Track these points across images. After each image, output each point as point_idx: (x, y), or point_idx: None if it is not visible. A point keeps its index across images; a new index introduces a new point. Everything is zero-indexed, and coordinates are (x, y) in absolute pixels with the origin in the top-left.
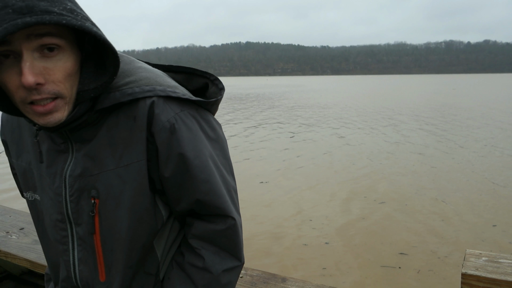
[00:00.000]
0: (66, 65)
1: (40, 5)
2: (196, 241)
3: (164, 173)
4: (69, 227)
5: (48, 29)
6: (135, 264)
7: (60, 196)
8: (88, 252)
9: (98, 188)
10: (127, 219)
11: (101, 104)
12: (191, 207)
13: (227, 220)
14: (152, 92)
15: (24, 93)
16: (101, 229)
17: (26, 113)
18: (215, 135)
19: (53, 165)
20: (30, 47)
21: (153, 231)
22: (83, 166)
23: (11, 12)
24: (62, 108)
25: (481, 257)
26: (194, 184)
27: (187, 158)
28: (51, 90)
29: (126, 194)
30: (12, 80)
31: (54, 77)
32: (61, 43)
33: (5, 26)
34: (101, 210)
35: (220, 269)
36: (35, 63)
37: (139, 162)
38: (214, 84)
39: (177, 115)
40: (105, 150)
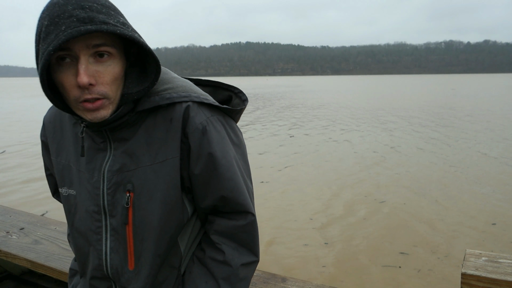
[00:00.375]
0: (114, 70)
1: (99, 17)
2: (217, 237)
3: (194, 170)
4: (103, 218)
5: (103, 40)
6: (163, 254)
7: (98, 190)
8: (120, 242)
9: (133, 182)
10: (159, 211)
11: (142, 106)
12: (215, 204)
13: (247, 216)
14: (188, 98)
15: (77, 92)
16: (134, 220)
17: (76, 109)
18: (238, 141)
19: (93, 161)
20: (87, 53)
21: (180, 224)
22: (121, 162)
23: (76, 20)
24: (107, 107)
25: (481, 257)
26: (220, 182)
27: (215, 157)
28: (100, 91)
29: (159, 188)
30: (69, 80)
31: (103, 79)
32: (112, 51)
33: (70, 31)
34: (135, 202)
35: (239, 262)
36: (90, 66)
37: (174, 159)
38: (237, 96)
39: (208, 119)
40: (142, 148)
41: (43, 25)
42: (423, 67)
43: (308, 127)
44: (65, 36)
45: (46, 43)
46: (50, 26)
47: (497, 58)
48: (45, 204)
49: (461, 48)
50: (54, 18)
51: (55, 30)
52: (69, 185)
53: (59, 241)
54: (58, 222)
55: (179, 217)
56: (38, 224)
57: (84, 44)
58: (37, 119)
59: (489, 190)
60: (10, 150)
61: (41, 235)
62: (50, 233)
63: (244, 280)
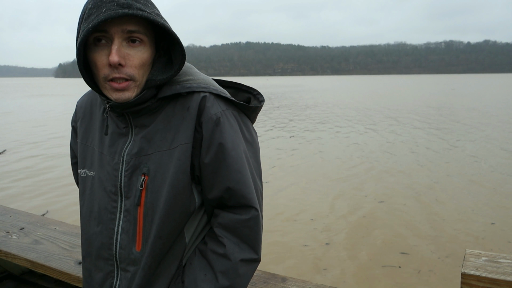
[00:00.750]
0: (143, 55)
1: (136, 5)
2: (220, 230)
3: (204, 159)
4: (119, 199)
5: (137, 27)
6: (164, 237)
7: (117, 171)
8: (131, 223)
9: (149, 166)
10: (166, 193)
11: (163, 93)
12: (221, 195)
13: (251, 210)
14: (206, 89)
15: (107, 71)
16: (146, 202)
17: (103, 88)
18: (251, 139)
19: (115, 145)
20: (121, 36)
21: (185, 211)
22: (139, 146)
23: (115, 5)
24: (132, 89)
25: (481, 257)
26: (228, 172)
27: (225, 148)
28: (128, 72)
29: (170, 171)
30: (101, 59)
31: (132, 62)
32: (144, 38)
33: (109, 12)
34: (148, 185)
35: (239, 257)
36: (122, 48)
37: (186, 145)
38: (256, 98)
39: (223, 111)
40: (160, 133)
41: (87, 8)
42: (423, 67)
43: (309, 127)
44: (104, 16)
45: (87, 23)
46: (93, 9)
47: (497, 58)
48: (46, 205)
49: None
50: (97, 2)
51: (96, 11)
52: (89, 167)
53: (59, 241)
54: (58, 222)
55: (185, 204)
56: (38, 224)
57: (119, 28)
58: (37, 119)
59: (488, 190)
60: (10, 150)
61: (41, 235)
62: (50, 233)
63: (243, 277)
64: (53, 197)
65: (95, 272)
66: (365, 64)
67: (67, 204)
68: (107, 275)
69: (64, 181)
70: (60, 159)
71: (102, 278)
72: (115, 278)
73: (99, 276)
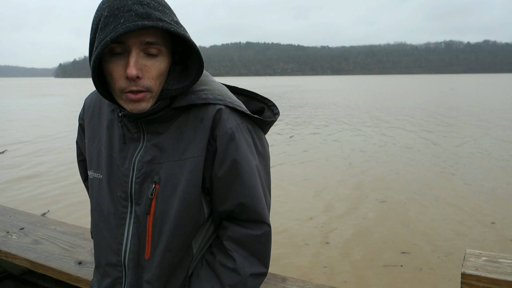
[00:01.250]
0: (161, 66)
1: (156, 14)
2: (230, 243)
3: (217, 173)
4: (129, 205)
5: (155, 38)
6: (174, 250)
7: (127, 177)
8: (141, 230)
9: (160, 175)
10: (177, 206)
11: (178, 103)
12: (233, 209)
13: (263, 226)
14: (222, 101)
15: (124, 83)
16: (155, 211)
17: (119, 99)
18: (264, 151)
19: (125, 149)
20: (139, 47)
21: (195, 224)
22: (152, 154)
23: (134, 15)
24: (148, 100)
25: (481, 257)
26: (241, 188)
27: (240, 164)
28: (145, 84)
29: (181, 184)
30: (118, 70)
31: (150, 74)
32: (162, 49)
33: (128, 24)
34: (159, 194)
35: (249, 272)
36: (139, 60)
37: (199, 158)
38: (270, 109)
39: (238, 125)
40: (172, 143)
41: (102, 16)
42: (423, 67)
43: (309, 126)
44: (123, 29)
45: (103, 33)
46: (110, 18)
47: (497, 58)
48: (47, 204)
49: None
50: (114, 10)
51: (114, 22)
52: (96, 169)
53: (59, 241)
54: (58, 222)
55: (195, 216)
56: (38, 224)
57: (138, 39)
58: (37, 119)
59: (487, 189)
60: (11, 150)
61: (41, 235)
62: (50, 233)
63: None
64: (54, 197)
65: (104, 277)
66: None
67: (68, 204)
68: (115, 281)
69: (65, 181)
70: (61, 158)
71: (110, 284)
72: (123, 285)
73: (107, 282)
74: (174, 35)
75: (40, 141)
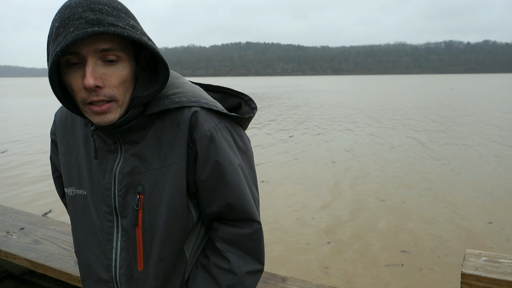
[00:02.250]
0: (122, 73)
1: (108, 19)
2: (222, 244)
3: (201, 177)
4: (115, 219)
5: (111, 44)
6: (167, 258)
7: (109, 191)
8: (130, 242)
9: (144, 185)
10: (164, 214)
11: (151, 109)
12: (221, 210)
13: (253, 224)
14: (197, 103)
15: (85, 94)
16: (143, 222)
17: (84, 112)
18: (245, 148)
19: (103, 162)
20: (95, 56)
21: (185, 230)
22: (132, 165)
23: (84, 22)
24: (115, 110)
25: (480, 257)
26: (227, 189)
27: (222, 165)
28: (107, 94)
29: (166, 191)
30: (77, 82)
31: (111, 82)
32: (121, 54)
33: (77, 32)
34: (145, 205)
35: (244, 271)
36: (97, 69)
37: (180, 163)
38: (247, 104)
39: (216, 126)
40: (151, 151)
41: (54, 27)
42: (423, 67)
43: (309, 126)
44: (72, 37)
45: (55, 44)
46: (60, 28)
47: (497, 58)
48: (49, 203)
49: (461, 48)
50: (64, 20)
51: (64, 31)
52: (77, 186)
53: (59, 241)
54: (58, 222)
55: (184, 223)
56: (38, 224)
57: (92, 47)
58: (38, 118)
59: (486, 189)
60: (12, 149)
61: (41, 235)
62: (50, 233)
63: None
64: (57, 197)
65: None
66: (365, 64)
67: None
68: None
69: None
70: None
71: None
72: None
73: None
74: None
75: (42, 141)
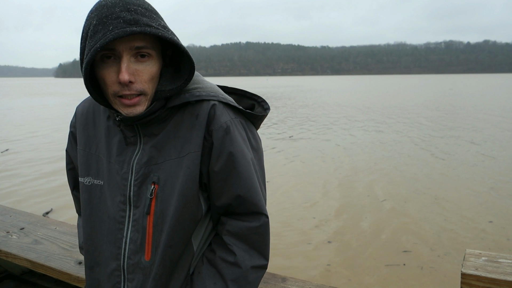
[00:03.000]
0: (152, 69)
1: (143, 20)
2: (229, 238)
3: (214, 167)
4: (128, 208)
5: (144, 42)
6: (175, 246)
7: (126, 181)
8: (139, 232)
9: (159, 175)
10: (176, 202)
11: (172, 102)
12: (230, 202)
13: (261, 217)
14: (215, 98)
15: (117, 88)
16: (155, 210)
17: (114, 104)
18: (257, 146)
19: (123, 154)
20: (129, 53)
21: (194, 219)
22: (149, 155)
23: (122, 22)
24: (143, 103)
25: (480, 257)
26: (238, 180)
27: (235, 156)
28: (138, 88)
29: (179, 180)
30: (110, 76)
31: (142, 78)
32: (152, 52)
33: (116, 31)
34: (158, 194)
35: (249, 265)
36: (130, 65)
37: (196, 153)
38: (260, 105)
39: (232, 120)
40: (169, 142)
41: (91, 24)
42: (423, 67)
43: (310, 126)
44: (112, 35)
45: (93, 41)
46: (98, 26)
47: (497, 58)
48: (51, 203)
49: (461, 48)
50: (102, 18)
51: (102, 29)
52: (95, 176)
53: (59, 241)
54: (58, 222)
55: (194, 212)
56: (38, 224)
57: (127, 45)
58: (40, 118)
59: (486, 188)
60: (13, 149)
61: (41, 235)
62: (50, 233)
63: (253, 284)
64: (58, 195)
65: (103, 282)
66: (365, 64)
67: (72, 203)
68: (113, 286)
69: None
70: (64, 157)
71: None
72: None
73: (106, 287)
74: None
75: (43, 141)
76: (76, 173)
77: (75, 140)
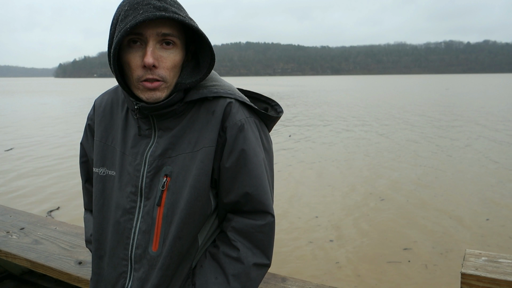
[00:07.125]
0: (175, 58)
1: (172, 8)
2: (234, 234)
3: (225, 163)
4: (139, 199)
5: (171, 30)
6: (184, 238)
7: (139, 172)
8: (148, 224)
9: (172, 168)
10: (187, 195)
11: (190, 97)
12: (238, 200)
13: (267, 216)
14: (232, 95)
15: (141, 72)
16: (166, 202)
17: (135, 88)
18: (269, 147)
19: (137, 146)
20: (155, 39)
21: (203, 213)
22: (163, 148)
23: (152, 7)
24: (163, 90)
25: (480, 257)
26: (248, 178)
27: (247, 154)
28: (160, 74)
29: (192, 173)
30: (135, 60)
31: (165, 64)
32: (176, 41)
33: (147, 14)
34: (170, 186)
35: (252, 262)
36: (156, 51)
37: (210, 148)
38: (273, 108)
39: (247, 118)
40: (184, 136)
41: (123, 10)
42: (423, 67)
43: (309, 126)
44: (142, 17)
45: (123, 23)
46: (130, 10)
47: (497, 58)
48: (56, 202)
49: (461, 48)
50: (133, 4)
51: (133, 13)
52: (109, 166)
53: (59, 241)
54: (58, 222)
55: (204, 206)
56: (38, 224)
57: (155, 31)
58: (41, 118)
59: (486, 188)
60: (17, 148)
61: (41, 235)
62: (50, 233)
63: (254, 282)
64: (64, 194)
65: (108, 271)
66: (365, 64)
67: (79, 203)
68: (120, 276)
69: (75, 178)
70: (70, 156)
71: (115, 278)
72: (128, 279)
73: (112, 276)
74: (188, 29)
75: (46, 140)
76: (89, 166)
77: (92, 132)
